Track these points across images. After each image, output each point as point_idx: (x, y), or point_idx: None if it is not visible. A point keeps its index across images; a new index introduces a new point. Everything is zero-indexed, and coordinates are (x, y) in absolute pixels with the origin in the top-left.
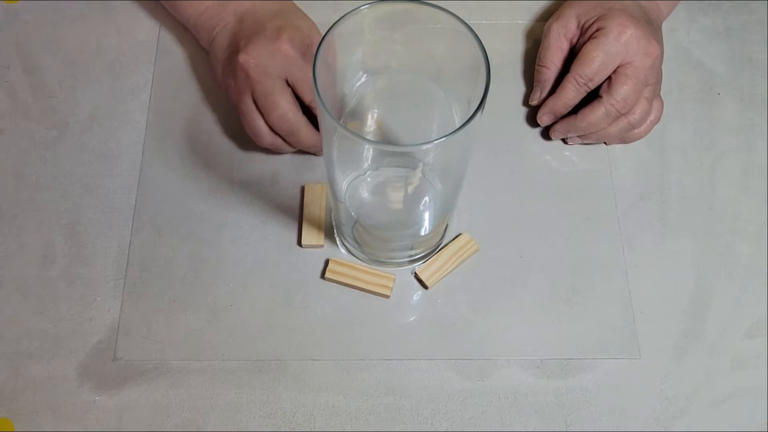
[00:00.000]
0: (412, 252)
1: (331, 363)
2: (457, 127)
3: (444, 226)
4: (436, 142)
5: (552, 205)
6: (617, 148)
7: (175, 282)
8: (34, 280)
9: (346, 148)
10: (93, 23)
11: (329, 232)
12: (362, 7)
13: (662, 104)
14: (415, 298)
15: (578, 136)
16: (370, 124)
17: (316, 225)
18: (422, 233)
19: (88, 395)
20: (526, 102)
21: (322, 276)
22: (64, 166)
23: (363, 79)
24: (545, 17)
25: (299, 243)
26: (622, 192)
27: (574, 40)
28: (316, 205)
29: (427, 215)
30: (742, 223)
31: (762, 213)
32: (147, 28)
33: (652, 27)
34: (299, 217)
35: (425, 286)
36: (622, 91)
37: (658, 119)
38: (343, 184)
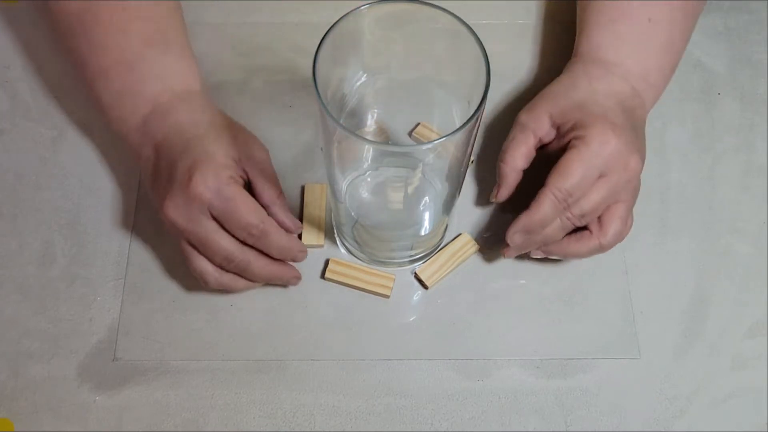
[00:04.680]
0: (412, 252)
1: (331, 363)
2: (457, 127)
3: (444, 226)
4: (436, 142)
5: None
6: None
7: (175, 282)
8: (34, 280)
9: (346, 148)
10: None
11: (329, 232)
12: (362, 7)
13: (632, 221)
14: (415, 298)
15: (542, 250)
16: (370, 124)
17: (316, 225)
18: (422, 233)
19: (88, 395)
20: (526, 102)
21: (322, 276)
22: (64, 166)
23: (363, 79)
24: (545, 17)
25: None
26: None
27: (546, 140)
28: (316, 205)
29: (427, 215)
30: (742, 223)
31: (762, 213)
32: None
33: (635, 134)
34: (299, 217)
35: (425, 286)
36: (586, 204)
37: (622, 238)
38: (343, 184)
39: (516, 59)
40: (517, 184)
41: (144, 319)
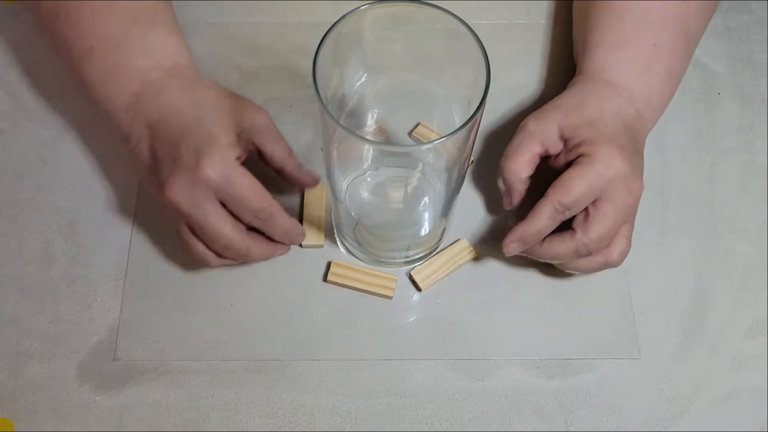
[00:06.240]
0: (409, 253)
1: (331, 363)
2: (457, 127)
3: (443, 227)
4: (436, 142)
5: None
6: None
7: (175, 282)
8: (34, 280)
9: (346, 148)
10: None
11: (329, 232)
12: (362, 7)
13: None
14: (415, 298)
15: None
16: (370, 124)
17: (316, 225)
18: (422, 234)
19: (88, 395)
20: (526, 102)
21: (324, 278)
22: (64, 166)
23: (363, 79)
24: (546, 17)
25: (299, 243)
26: None
27: (552, 151)
28: (316, 205)
29: (426, 215)
30: (742, 223)
31: (762, 213)
32: None
33: (638, 160)
34: (299, 217)
35: (419, 289)
36: (600, 230)
37: (625, 257)
38: (343, 184)
39: (516, 59)
40: (526, 189)
41: (144, 319)
